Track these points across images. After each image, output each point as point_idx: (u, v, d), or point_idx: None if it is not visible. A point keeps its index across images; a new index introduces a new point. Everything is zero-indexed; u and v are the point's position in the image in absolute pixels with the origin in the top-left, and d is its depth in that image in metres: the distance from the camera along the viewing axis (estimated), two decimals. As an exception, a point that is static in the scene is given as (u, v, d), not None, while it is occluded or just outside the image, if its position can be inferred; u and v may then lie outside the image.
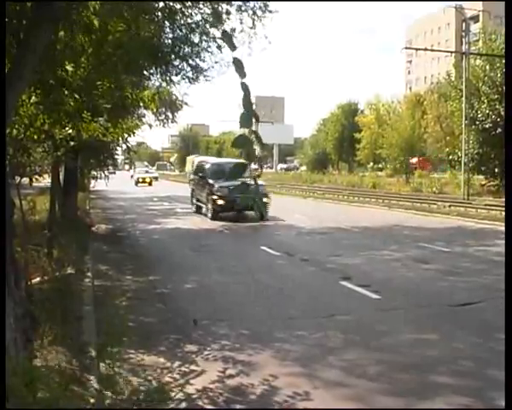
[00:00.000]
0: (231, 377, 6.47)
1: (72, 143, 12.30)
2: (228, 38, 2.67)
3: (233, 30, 9.91)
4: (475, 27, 56.31)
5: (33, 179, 11.28)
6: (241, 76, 2.54)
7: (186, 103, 19.09)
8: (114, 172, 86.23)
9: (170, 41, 10.21)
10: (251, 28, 10.02)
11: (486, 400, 5.83)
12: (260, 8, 9.98)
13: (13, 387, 4.21)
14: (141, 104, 12.28)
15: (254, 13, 9.96)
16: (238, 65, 2.54)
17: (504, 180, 7.45)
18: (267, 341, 7.77)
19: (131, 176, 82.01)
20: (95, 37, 7.87)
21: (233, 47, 2.64)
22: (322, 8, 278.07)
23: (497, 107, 35.19)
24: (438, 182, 42.82)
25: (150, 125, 19.65)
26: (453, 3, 77.11)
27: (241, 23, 9.97)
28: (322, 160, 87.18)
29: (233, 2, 9.67)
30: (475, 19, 71.58)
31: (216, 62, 11.09)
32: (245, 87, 2.52)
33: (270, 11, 10.14)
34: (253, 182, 2.92)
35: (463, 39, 38.13)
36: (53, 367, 5.58)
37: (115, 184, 41.43)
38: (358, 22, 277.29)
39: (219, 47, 10.38)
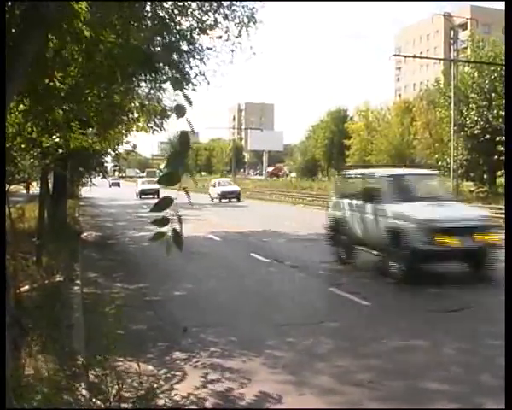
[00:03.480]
0: (219, 384, 6.48)
1: (60, 151, 12.27)
2: (180, 111, 2.57)
3: (219, 37, 9.95)
4: (464, 35, 56.67)
5: (23, 187, 11.26)
6: (178, 116, 2.45)
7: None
8: (118, 185, 77.66)
9: (159, 48, 10.23)
10: (236, 37, 10.06)
11: (476, 405, 5.85)
12: (247, 16, 10.02)
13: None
14: (129, 116, 12.27)
15: (240, 22, 9.99)
16: (179, 111, 2.46)
17: (504, 180, 7.44)
18: (256, 348, 7.77)
19: (139, 193, 53.19)
20: (85, 46, 7.87)
21: (182, 114, 2.55)
22: (312, 15, 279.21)
23: (486, 113, 35.45)
24: (427, 188, 42.89)
25: (139, 128, 19.58)
26: (442, 8, 77.61)
27: (227, 32, 10.02)
28: (312, 166, 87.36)
29: (220, 10, 9.70)
30: (463, 26, 71.94)
31: (203, 74, 11.07)
32: (189, 123, 2.44)
33: (256, 21, 10.18)
34: None
35: (452, 47, 38.37)
36: (41, 375, 5.56)
37: (105, 192, 41.41)
38: (348, 29, 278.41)
39: (201, 59, 10.40)
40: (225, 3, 9.96)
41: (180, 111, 2.44)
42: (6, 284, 5.40)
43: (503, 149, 29.96)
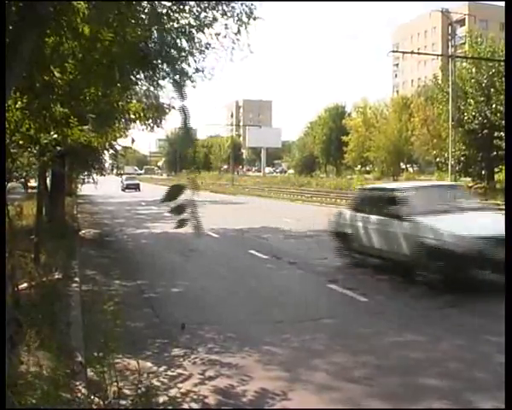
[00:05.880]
0: (218, 380, 6.48)
1: (58, 148, 12.25)
2: (178, 87, 2.65)
3: (217, 35, 9.91)
4: (461, 31, 56.75)
5: (21, 184, 11.26)
6: (181, 98, 2.47)
7: (173, 107, 18.97)
8: (137, 187, 75.05)
9: (157, 45, 10.19)
10: (235, 34, 10.00)
11: (472, 402, 5.86)
12: (246, 13, 9.96)
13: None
14: (127, 116, 12.24)
15: (239, 19, 9.94)
16: (177, 88, 2.52)
17: (505, 178, 7.35)
18: (254, 344, 7.77)
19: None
20: (83, 42, 7.85)
21: (182, 97, 2.59)
22: (311, 12, 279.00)
23: (484, 109, 35.45)
24: (425, 184, 42.95)
25: (133, 140, 19.56)
26: (439, 6, 77.55)
27: (226, 28, 9.97)
28: (310, 163, 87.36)
29: (218, 8, 9.66)
30: (461, 22, 71.95)
31: (202, 71, 11.04)
32: (184, 111, 2.46)
33: (255, 18, 10.12)
34: None
35: (450, 43, 38.40)
36: (39, 373, 5.56)
37: (103, 189, 41.33)
38: (346, 26, 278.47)
39: (202, 51, 10.38)
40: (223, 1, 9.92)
41: (177, 87, 2.53)
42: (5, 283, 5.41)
43: (501, 143, 29.98)
